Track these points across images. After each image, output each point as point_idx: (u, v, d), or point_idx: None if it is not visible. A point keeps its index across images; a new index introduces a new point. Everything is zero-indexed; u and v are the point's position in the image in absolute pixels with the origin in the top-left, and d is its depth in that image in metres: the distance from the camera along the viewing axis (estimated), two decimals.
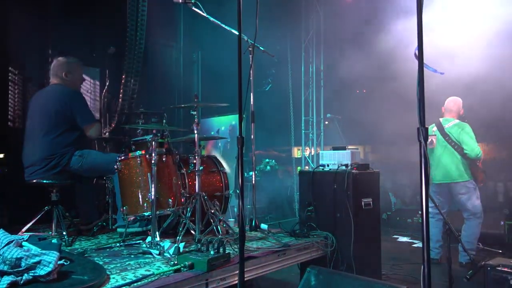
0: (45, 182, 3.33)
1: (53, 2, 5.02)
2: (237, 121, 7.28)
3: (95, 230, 3.67)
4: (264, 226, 3.65)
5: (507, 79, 5.43)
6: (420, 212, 1.71)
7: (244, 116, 2.35)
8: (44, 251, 2.14)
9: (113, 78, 5.39)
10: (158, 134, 3.22)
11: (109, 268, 2.50)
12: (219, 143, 7.12)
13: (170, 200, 3.22)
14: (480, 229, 4.60)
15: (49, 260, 2.07)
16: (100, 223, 3.84)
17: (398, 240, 6.19)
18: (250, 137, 3.62)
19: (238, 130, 2.31)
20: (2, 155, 4.57)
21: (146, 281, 2.23)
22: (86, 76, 3.82)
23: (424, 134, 1.66)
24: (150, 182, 3.07)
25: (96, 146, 4.40)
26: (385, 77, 6.21)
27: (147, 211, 3.12)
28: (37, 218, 3.39)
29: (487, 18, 5.00)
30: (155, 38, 6.18)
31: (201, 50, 7.54)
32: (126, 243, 3.14)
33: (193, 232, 3.21)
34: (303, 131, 8.32)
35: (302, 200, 3.99)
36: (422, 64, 1.71)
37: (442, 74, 2.40)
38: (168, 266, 2.52)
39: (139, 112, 3.90)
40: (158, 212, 3.11)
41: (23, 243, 2.32)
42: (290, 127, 8.30)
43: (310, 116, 8.29)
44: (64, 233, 3.23)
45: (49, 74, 3.66)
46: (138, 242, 3.14)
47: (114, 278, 2.30)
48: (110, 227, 3.87)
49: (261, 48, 3.71)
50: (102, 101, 5.40)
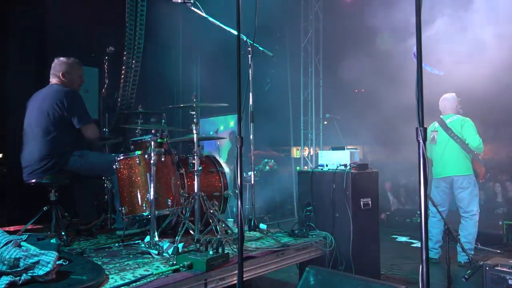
0: (43, 182, 3.33)
1: (52, 2, 5.01)
2: (228, 123, 7.35)
3: (94, 230, 3.67)
4: (263, 226, 3.65)
5: (507, 81, 5.45)
6: (419, 212, 1.71)
7: (243, 116, 2.34)
8: (42, 251, 2.14)
9: (112, 78, 5.38)
10: (157, 134, 3.22)
11: (108, 268, 2.50)
12: (217, 143, 7.13)
13: (169, 200, 3.22)
14: (477, 228, 4.62)
15: (47, 260, 2.07)
16: (99, 223, 3.84)
17: (397, 240, 6.19)
18: (249, 137, 3.61)
19: (235, 133, 2.31)
20: (0, 155, 4.56)
21: (145, 281, 2.23)
22: (84, 76, 3.78)
23: (422, 134, 1.66)
24: (149, 182, 3.07)
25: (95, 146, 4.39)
26: (384, 77, 6.22)
27: (146, 211, 3.12)
28: (35, 218, 3.38)
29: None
30: (154, 38, 6.17)
31: (200, 50, 7.53)
32: (125, 243, 3.14)
33: (192, 232, 3.21)
34: (302, 131, 8.32)
35: (301, 200, 3.99)
36: (421, 64, 1.71)
37: (441, 73, 2.41)
38: (167, 266, 2.52)
39: (138, 112, 3.90)
40: (157, 212, 3.11)
41: (22, 243, 2.32)
42: (289, 127, 8.30)
43: (309, 116, 8.30)
44: (62, 233, 3.22)
45: (48, 73, 3.65)
46: (137, 242, 3.14)
47: (113, 278, 2.30)
48: (109, 227, 3.87)
49: (260, 48, 3.71)
50: (101, 101, 5.40)
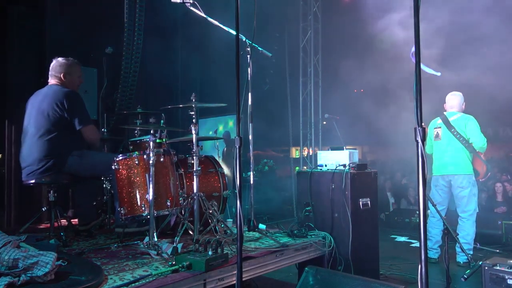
0: (42, 182, 3.32)
1: (50, 2, 5.01)
2: (227, 123, 7.36)
3: (93, 231, 3.67)
4: (262, 226, 3.65)
5: (506, 81, 5.46)
6: (417, 212, 1.72)
7: (242, 116, 2.34)
8: (41, 252, 2.14)
9: (111, 78, 5.39)
10: (156, 135, 3.22)
11: (107, 268, 2.50)
12: (216, 144, 7.12)
13: (168, 200, 3.21)
14: (475, 228, 4.62)
15: (46, 260, 2.07)
16: (98, 224, 3.84)
17: (396, 240, 6.20)
18: (248, 137, 3.61)
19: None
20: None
21: (144, 281, 2.23)
22: (83, 76, 3.77)
23: (421, 134, 1.66)
24: (148, 183, 3.07)
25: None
26: (383, 77, 6.23)
27: (145, 212, 3.12)
28: (34, 219, 3.39)
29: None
30: (153, 38, 6.17)
31: (199, 50, 7.53)
32: (124, 244, 3.14)
33: (191, 232, 3.21)
34: (301, 131, 8.33)
35: (300, 200, 3.99)
36: (419, 64, 1.71)
37: (438, 74, 2.41)
38: (166, 266, 2.52)
39: (137, 112, 3.89)
40: (156, 212, 3.11)
41: (21, 244, 2.32)
42: (288, 128, 8.30)
43: (308, 116, 8.30)
44: (61, 233, 3.22)
45: (47, 74, 3.65)
46: (136, 242, 3.14)
47: (112, 278, 2.30)
48: (108, 228, 3.86)
49: (259, 48, 3.71)
50: (100, 101, 5.40)
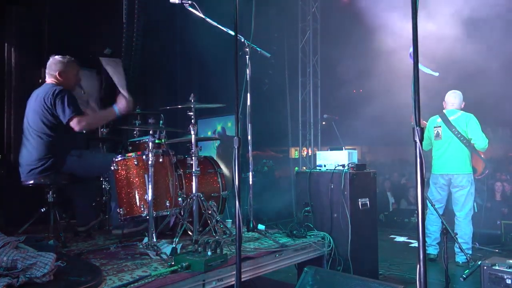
0: (41, 183, 3.32)
1: (49, 2, 5.00)
2: (226, 123, 7.35)
3: (92, 231, 3.67)
4: (261, 226, 3.65)
5: (504, 80, 5.46)
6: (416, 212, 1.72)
7: (240, 116, 2.35)
8: (40, 253, 2.13)
9: (109, 79, 5.37)
10: (155, 135, 3.22)
11: (105, 269, 2.50)
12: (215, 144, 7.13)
13: (167, 201, 3.22)
14: (471, 226, 4.64)
15: (45, 261, 2.06)
16: (96, 224, 3.84)
17: (395, 240, 6.20)
18: (247, 137, 3.61)
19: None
20: None
21: (143, 282, 2.23)
22: (82, 77, 3.75)
23: (419, 134, 1.67)
24: (147, 183, 3.07)
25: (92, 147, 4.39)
26: (382, 77, 6.23)
27: (144, 212, 3.12)
28: (33, 220, 3.38)
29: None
30: (153, 39, 6.16)
31: (198, 51, 7.53)
32: (123, 244, 3.14)
33: (190, 233, 3.21)
34: (300, 132, 8.33)
35: (299, 200, 4.00)
36: (417, 64, 1.72)
37: (436, 74, 2.41)
38: (165, 267, 2.52)
39: (136, 113, 3.89)
40: (155, 213, 3.10)
41: (19, 245, 2.31)
42: (287, 128, 8.30)
43: (307, 116, 8.30)
44: (60, 234, 3.22)
45: (45, 74, 3.64)
46: (135, 243, 3.14)
47: (110, 279, 2.30)
48: (107, 228, 3.86)
49: (257, 48, 3.71)
50: (99, 102, 5.39)
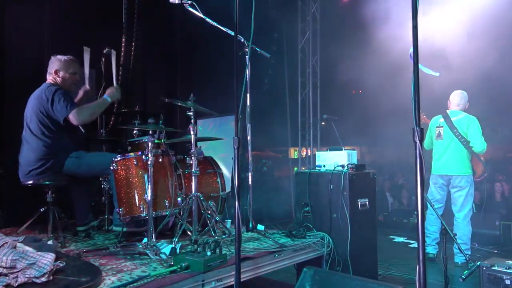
0: (40, 184, 3.32)
1: (49, 2, 5.00)
2: (223, 123, 7.35)
3: (91, 231, 3.66)
4: (260, 227, 3.65)
5: (504, 80, 5.47)
6: (416, 212, 1.72)
7: (240, 116, 2.35)
8: (39, 253, 2.13)
9: (109, 79, 5.36)
10: (155, 135, 3.22)
11: (105, 269, 2.49)
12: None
13: (166, 201, 3.22)
14: (470, 227, 4.64)
15: (44, 261, 2.06)
16: (96, 224, 3.83)
17: (394, 240, 6.20)
18: (246, 138, 3.61)
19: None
20: None
21: (142, 282, 2.23)
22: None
23: (419, 135, 1.67)
24: (146, 183, 3.07)
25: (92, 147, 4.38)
26: (382, 77, 6.23)
27: (144, 212, 3.12)
28: (32, 219, 3.38)
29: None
30: (152, 38, 6.16)
31: (199, 51, 7.53)
32: (122, 244, 3.13)
33: (189, 233, 3.21)
34: (300, 132, 8.33)
35: (298, 200, 4.00)
36: (417, 65, 1.72)
37: (437, 75, 2.41)
38: (164, 267, 2.52)
39: (136, 112, 3.89)
40: (154, 213, 3.10)
41: (18, 245, 2.31)
42: (286, 128, 8.30)
43: (306, 117, 8.30)
44: (59, 234, 3.21)
45: (44, 74, 3.64)
46: (134, 243, 3.13)
47: (110, 279, 2.30)
48: (106, 228, 3.86)
49: (257, 49, 3.71)
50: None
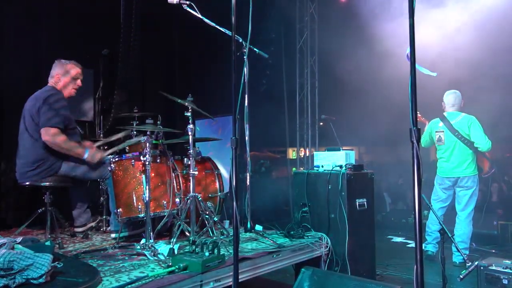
0: (37, 185, 3.31)
1: (47, 2, 4.99)
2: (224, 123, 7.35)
3: (89, 232, 3.66)
4: (258, 227, 3.66)
5: (505, 80, 5.47)
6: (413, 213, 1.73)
7: (238, 117, 2.35)
8: (37, 254, 2.13)
9: (107, 80, 5.37)
10: (153, 136, 3.22)
11: (103, 270, 2.49)
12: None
13: (164, 201, 3.22)
14: (471, 227, 4.65)
15: (42, 262, 2.06)
16: (94, 225, 3.83)
17: (392, 240, 6.21)
18: (244, 138, 3.62)
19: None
20: None
21: (140, 283, 2.22)
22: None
23: (416, 135, 1.67)
24: (144, 184, 3.07)
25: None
26: (380, 77, 6.24)
27: (142, 213, 3.12)
28: (30, 220, 3.37)
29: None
30: (150, 38, 6.16)
31: (197, 51, 7.52)
32: (120, 245, 3.13)
33: (187, 233, 3.21)
34: (298, 132, 8.33)
35: (296, 201, 4.00)
36: (414, 65, 1.72)
37: (434, 75, 2.42)
38: (162, 268, 2.52)
39: (134, 113, 3.89)
40: (152, 214, 3.10)
41: (16, 246, 2.31)
42: (284, 128, 8.30)
43: (304, 117, 8.30)
44: (57, 235, 3.21)
45: (43, 75, 3.64)
46: (132, 244, 3.13)
47: (108, 280, 2.29)
48: (104, 229, 3.86)
49: (255, 49, 3.72)
50: (96, 102, 5.39)
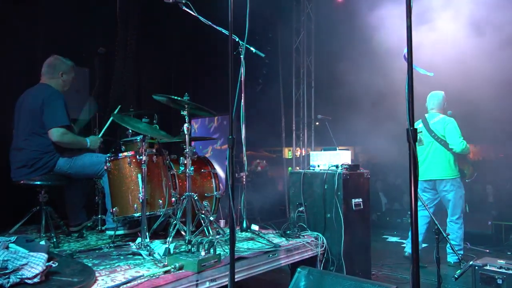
0: (32, 184, 3.29)
1: (43, 1, 4.96)
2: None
3: (84, 231, 3.64)
4: (254, 226, 3.65)
5: (496, 81, 5.50)
6: (409, 212, 1.73)
7: (234, 116, 2.34)
8: (31, 253, 2.11)
9: (103, 79, 5.35)
10: (148, 135, 3.20)
11: (98, 269, 2.48)
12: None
13: (160, 201, 3.21)
14: (463, 230, 4.64)
15: (36, 262, 2.04)
16: (89, 224, 3.81)
17: (388, 240, 6.23)
18: (241, 138, 3.61)
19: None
20: None
21: (135, 282, 2.22)
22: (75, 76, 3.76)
23: (413, 135, 1.67)
24: (140, 183, 3.06)
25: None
26: (376, 77, 6.26)
27: (137, 212, 3.10)
28: (25, 219, 3.35)
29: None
30: (146, 37, 6.14)
31: (193, 49, 7.51)
32: (116, 245, 3.12)
33: (183, 233, 3.20)
34: (294, 132, 8.34)
35: (293, 200, 4.00)
36: (411, 65, 1.73)
37: (431, 75, 2.43)
38: (158, 267, 2.51)
39: (130, 112, 3.87)
40: (148, 213, 3.09)
41: (10, 245, 2.29)
42: (281, 128, 8.31)
43: (301, 117, 8.31)
44: (52, 234, 3.19)
45: (37, 72, 3.62)
46: (127, 243, 3.12)
47: (103, 279, 2.28)
48: (100, 228, 3.84)
49: (252, 48, 3.72)
50: (92, 101, 5.35)
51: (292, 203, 4.01)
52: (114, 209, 3.19)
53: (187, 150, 3.23)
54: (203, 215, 3.28)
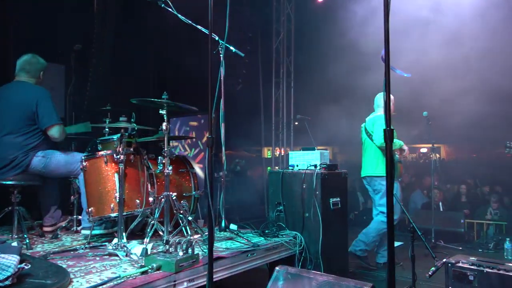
0: (4, 183, 3.19)
1: None
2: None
3: (59, 232, 3.56)
4: (233, 226, 3.65)
5: (471, 82, 5.67)
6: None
7: (213, 116, 2.33)
8: (2, 255, 2.05)
9: (79, 76, 5.22)
10: (126, 134, 3.16)
11: (73, 271, 2.43)
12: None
13: (137, 200, 3.16)
14: (377, 232, 4.46)
15: (7, 264, 1.99)
16: (64, 225, 3.73)
17: None
18: (220, 137, 3.60)
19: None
20: None
21: (112, 283, 2.18)
22: (51, 73, 3.74)
23: (389, 135, 1.70)
24: (117, 182, 3.01)
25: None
26: (355, 77, 6.35)
27: (114, 212, 3.05)
28: None
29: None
30: (124, 35, 6.03)
31: (172, 48, 7.43)
32: (91, 245, 3.06)
33: (161, 233, 3.16)
34: (274, 132, 8.37)
35: (271, 200, 4.01)
36: (388, 67, 1.76)
37: (408, 76, 2.48)
38: (135, 268, 2.48)
39: (107, 110, 3.80)
40: (125, 213, 3.04)
41: None
42: (260, 128, 8.32)
43: (280, 116, 8.35)
44: (25, 235, 3.10)
45: (11, 69, 3.52)
46: (104, 244, 3.06)
47: (78, 281, 2.24)
48: (75, 229, 3.76)
49: (231, 48, 3.71)
50: (68, 99, 5.24)
51: (271, 203, 4.02)
52: (90, 209, 3.13)
53: (165, 149, 3.19)
54: (181, 215, 3.25)
